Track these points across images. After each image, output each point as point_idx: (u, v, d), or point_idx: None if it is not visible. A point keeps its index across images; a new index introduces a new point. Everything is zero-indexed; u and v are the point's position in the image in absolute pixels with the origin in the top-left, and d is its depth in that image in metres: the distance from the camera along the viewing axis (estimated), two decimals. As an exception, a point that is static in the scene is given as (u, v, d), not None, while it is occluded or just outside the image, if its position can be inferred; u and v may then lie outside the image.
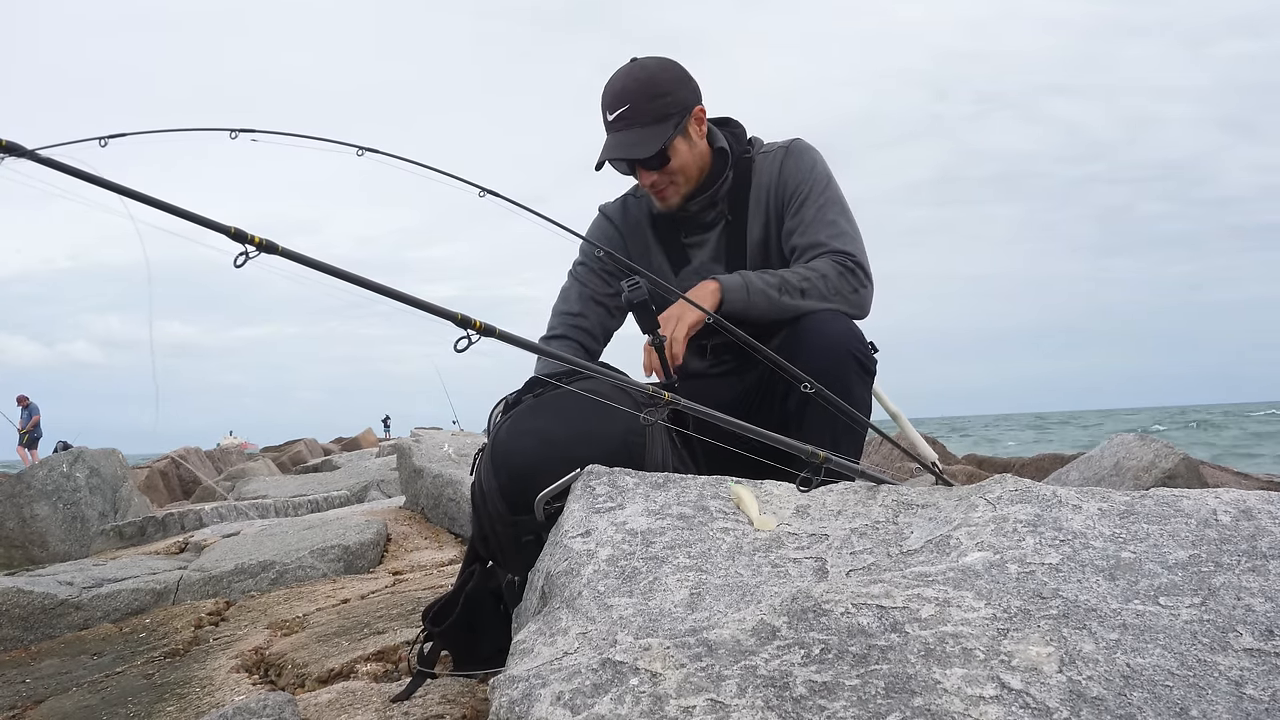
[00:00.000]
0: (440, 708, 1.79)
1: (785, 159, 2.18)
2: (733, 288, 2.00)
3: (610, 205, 2.36)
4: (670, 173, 2.10)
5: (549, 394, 1.82)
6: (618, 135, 2.06)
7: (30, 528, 6.80)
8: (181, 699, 2.36)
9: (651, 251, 2.28)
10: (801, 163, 2.17)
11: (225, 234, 1.09)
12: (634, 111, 2.04)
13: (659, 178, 2.10)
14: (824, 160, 2.20)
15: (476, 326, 1.20)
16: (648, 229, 2.28)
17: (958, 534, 1.26)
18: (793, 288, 2.01)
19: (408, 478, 5.31)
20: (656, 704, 0.89)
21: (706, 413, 1.40)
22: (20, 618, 3.52)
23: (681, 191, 2.13)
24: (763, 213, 2.18)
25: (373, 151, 2.19)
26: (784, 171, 2.17)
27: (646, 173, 2.09)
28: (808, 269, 2.04)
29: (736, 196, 2.19)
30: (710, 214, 2.20)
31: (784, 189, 2.16)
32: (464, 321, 1.19)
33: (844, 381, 1.92)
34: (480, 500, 1.79)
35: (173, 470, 14.84)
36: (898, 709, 0.86)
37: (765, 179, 2.18)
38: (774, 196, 2.17)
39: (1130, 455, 4.50)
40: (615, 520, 1.41)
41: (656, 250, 2.27)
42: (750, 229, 2.19)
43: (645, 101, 2.05)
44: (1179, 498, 1.28)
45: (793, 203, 2.14)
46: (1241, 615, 1.00)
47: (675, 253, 2.26)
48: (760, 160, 2.20)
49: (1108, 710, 0.85)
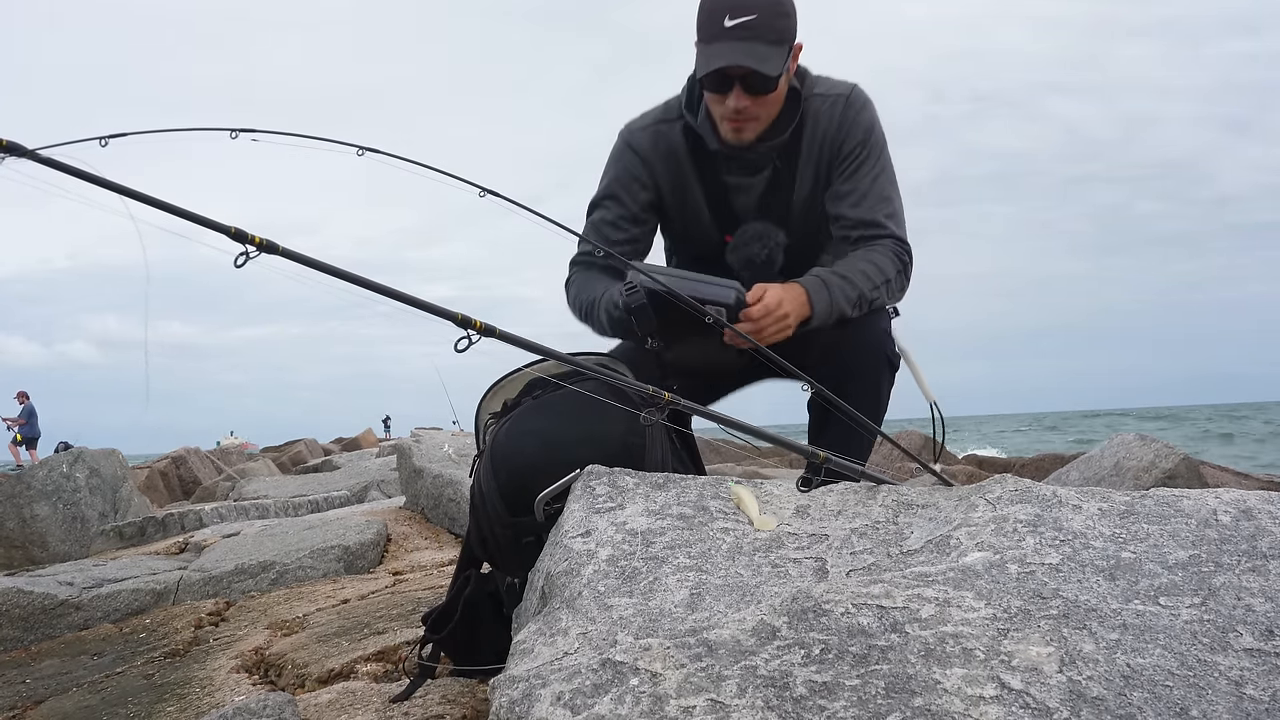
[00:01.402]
0: (440, 708, 1.79)
1: (845, 110, 2.00)
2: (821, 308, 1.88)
3: (639, 132, 2.10)
4: (766, 104, 1.91)
5: (548, 395, 1.82)
6: (738, 44, 1.83)
7: (30, 528, 6.79)
8: (181, 699, 2.35)
9: (689, 187, 2.08)
10: (862, 119, 2.01)
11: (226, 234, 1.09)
12: (760, 24, 1.83)
13: (752, 105, 1.89)
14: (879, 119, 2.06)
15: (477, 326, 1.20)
16: (686, 161, 2.07)
17: (958, 534, 1.26)
18: (865, 301, 1.94)
19: (408, 478, 5.31)
20: (656, 704, 0.89)
21: (706, 412, 1.40)
22: (20, 618, 3.52)
23: (760, 129, 1.95)
24: (813, 165, 2.03)
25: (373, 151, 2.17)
26: (842, 125, 2.00)
27: (742, 96, 1.87)
28: (877, 271, 1.95)
29: (790, 141, 2.01)
30: (761, 156, 2.02)
31: (840, 145, 2.00)
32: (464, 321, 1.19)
33: (875, 381, 1.96)
34: (479, 501, 1.79)
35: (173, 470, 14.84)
36: (898, 709, 0.86)
37: (822, 128, 2.01)
38: (827, 150, 2.01)
39: (1130, 455, 4.50)
40: (615, 520, 1.41)
41: (695, 186, 2.08)
42: (800, 181, 2.04)
43: (772, 17, 1.85)
44: (1179, 498, 1.28)
45: (847, 163, 2.00)
46: (1241, 615, 1.00)
47: (715, 193, 2.07)
48: (817, 105, 2.01)
49: (1108, 710, 0.85)
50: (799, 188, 2.04)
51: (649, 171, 2.09)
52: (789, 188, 2.05)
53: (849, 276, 1.94)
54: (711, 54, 1.84)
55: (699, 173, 2.06)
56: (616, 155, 2.13)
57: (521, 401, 1.87)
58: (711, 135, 1.99)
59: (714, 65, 1.83)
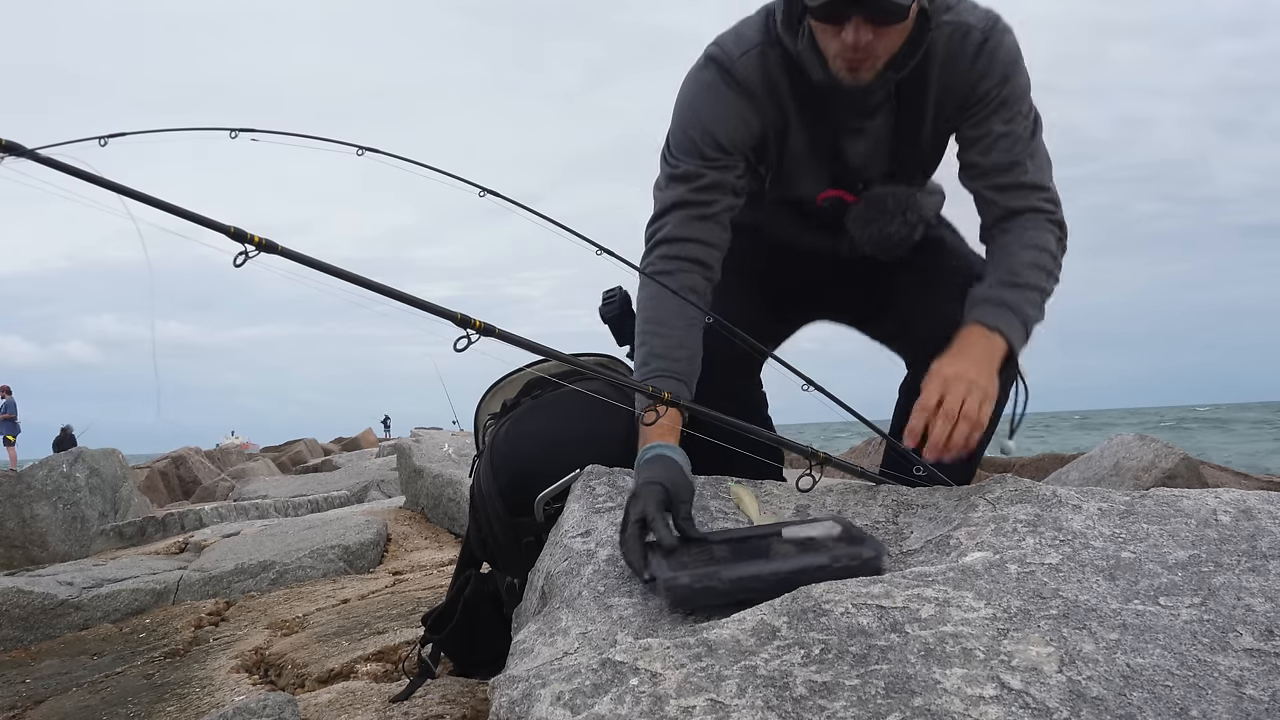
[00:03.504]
0: (440, 708, 1.79)
1: (982, 52, 1.59)
2: (1016, 340, 1.52)
3: (742, 61, 1.62)
4: (891, 36, 1.50)
5: (548, 395, 1.82)
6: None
7: (30, 528, 6.80)
8: (181, 699, 2.36)
9: (792, 132, 1.67)
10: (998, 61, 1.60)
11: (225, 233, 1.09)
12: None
13: (875, 40, 1.48)
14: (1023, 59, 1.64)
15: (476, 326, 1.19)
16: (788, 99, 1.64)
17: (958, 534, 1.26)
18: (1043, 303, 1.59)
19: (408, 478, 5.32)
20: (656, 704, 0.89)
21: (707, 413, 1.38)
22: (20, 618, 3.52)
23: (879, 66, 1.54)
24: (935, 109, 1.65)
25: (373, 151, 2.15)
26: (977, 68, 1.60)
27: (865, 27, 1.46)
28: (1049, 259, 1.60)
29: (912, 76, 1.61)
30: (878, 94, 1.63)
31: (973, 92, 1.62)
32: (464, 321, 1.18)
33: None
34: (479, 502, 1.79)
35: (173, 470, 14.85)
36: (898, 709, 0.86)
37: (954, 67, 1.61)
38: (957, 96, 1.63)
39: (1130, 455, 4.50)
40: (616, 520, 1.40)
41: (799, 130, 1.67)
42: (924, 129, 1.68)
43: None
44: (1179, 498, 1.28)
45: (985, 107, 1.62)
46: (1241, 615, 1.00)
47: (822, 138, 1.68)
48: (949, 36, 1.60)
49: (1108, 710, 0.85)
50: (924, 134, 1.68)
51: (757, 114, 1.64)
52: (915, 134, 1.68)
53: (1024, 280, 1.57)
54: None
55: (802, 112, 1.65)
56: (706, 95, 1.64)
57: (520, 402, 1.87)
58: (817, 66, 1.57)
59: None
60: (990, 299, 1.55)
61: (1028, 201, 1.63)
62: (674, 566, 1.14)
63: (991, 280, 1.58)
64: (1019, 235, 1.61)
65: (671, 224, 1.61)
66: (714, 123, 1.62)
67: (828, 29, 1.50)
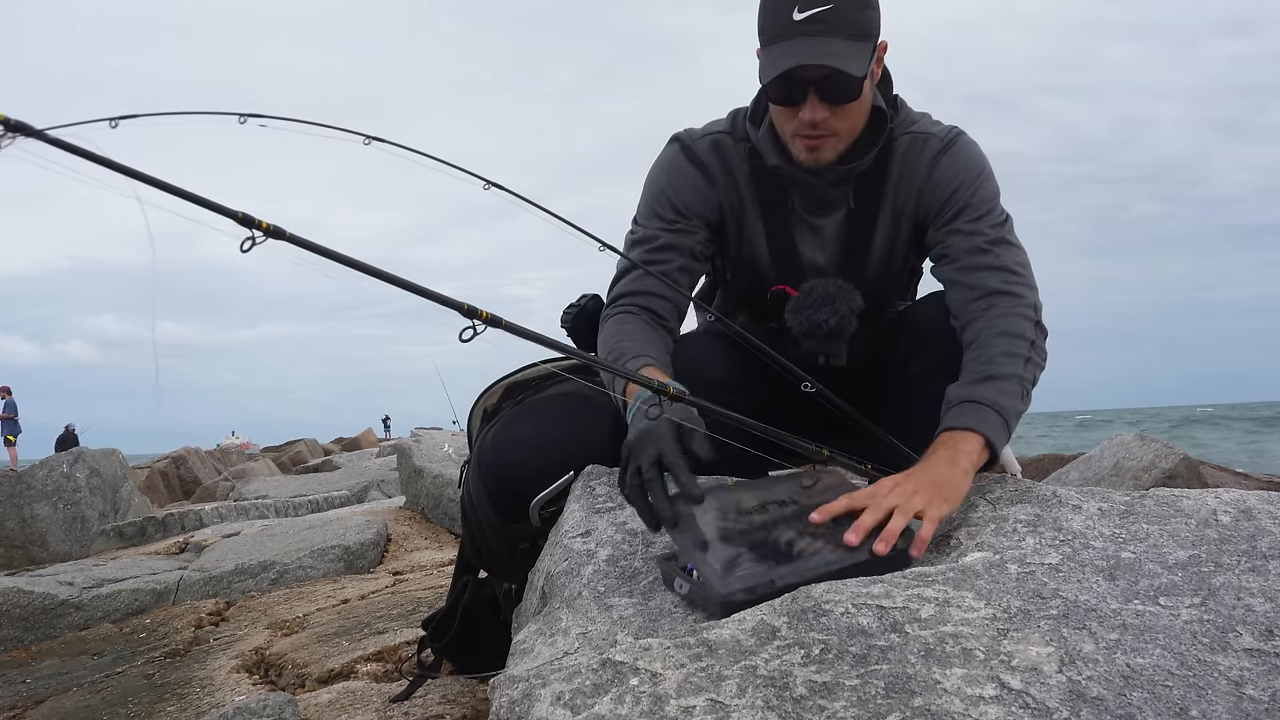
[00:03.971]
0: (440, 708, 1.79)
1: (943, 159, 1.62)
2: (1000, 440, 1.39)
3: (699, 140, 1.69)
4: (848, 114, 1.53)
5: (531, 399, 1.80)
6: (811, 41, 1.46)
7: (30, 528, 6.80)
8: (182, 699, 2.36)
9: (748, 219, 1.70)
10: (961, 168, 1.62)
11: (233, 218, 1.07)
12: (838, 16, 1.46)
13: (832, 117, 1.51)
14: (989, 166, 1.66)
15: (483, 316, 1.16)
16: (746, 184, 1.68)
17: (957, 534, 1.26)
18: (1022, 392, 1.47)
19: (408, 478, 5.32)
20: (656, 704, 0.89)
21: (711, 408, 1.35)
22: (21, 618, 3.52)
23: (840, 147, 1.57)
24: (891, 214, 1.67)
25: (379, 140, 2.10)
26: (937, 175, 1.62)
27: (820, 105, 1.49)
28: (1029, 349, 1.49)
29: (870, 178, 1.64)
30: (834, 191, 1.65)
31: (932, 198, 1.63)
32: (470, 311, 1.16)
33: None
34: (471, 511, 1.77)
35: (173, 470, 14.85)
36: (898, 709, 0.86)
37: (910, 173, 1.64)
38: (914, 202, 1.65)
39: (1130, 455, 4.50)
40: (615, 520, 1.41)
41: (755, 218, 1.69)
42: (878, 229, 1.68)
43: (851, 7, 1.48)
44: (1179, 498, 1.29)
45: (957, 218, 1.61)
46: (1241, 615, 1.00)
47: (778, 231, 1.69)
48: (909, 144, 1.64)
49: (1108, 710, 0.85)
50: (878, 237, 1.68)
51: (712, 188, 1.68)
52: (867, 235, 1.68)
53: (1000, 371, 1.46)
54: (779, 55, 1.47)
55: (761, 204, 1.68)
56: (667, 167, 1.70)
57: (502, 407, 1.84)
58: (773, 152, 1.61)
59: (783, 66, 1.46)
60: (965, 398, 1.43)
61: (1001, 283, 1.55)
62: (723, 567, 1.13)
63: (965, 377, 1.48)
64: (990, 323, 1.52)
65: (626, 281, 1.67)
66: (671, 190, 1.68)
67: (785, 112, 1.54)
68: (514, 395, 1.85)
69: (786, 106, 1.53)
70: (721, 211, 1.70)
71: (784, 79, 1.47)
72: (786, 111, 1.54)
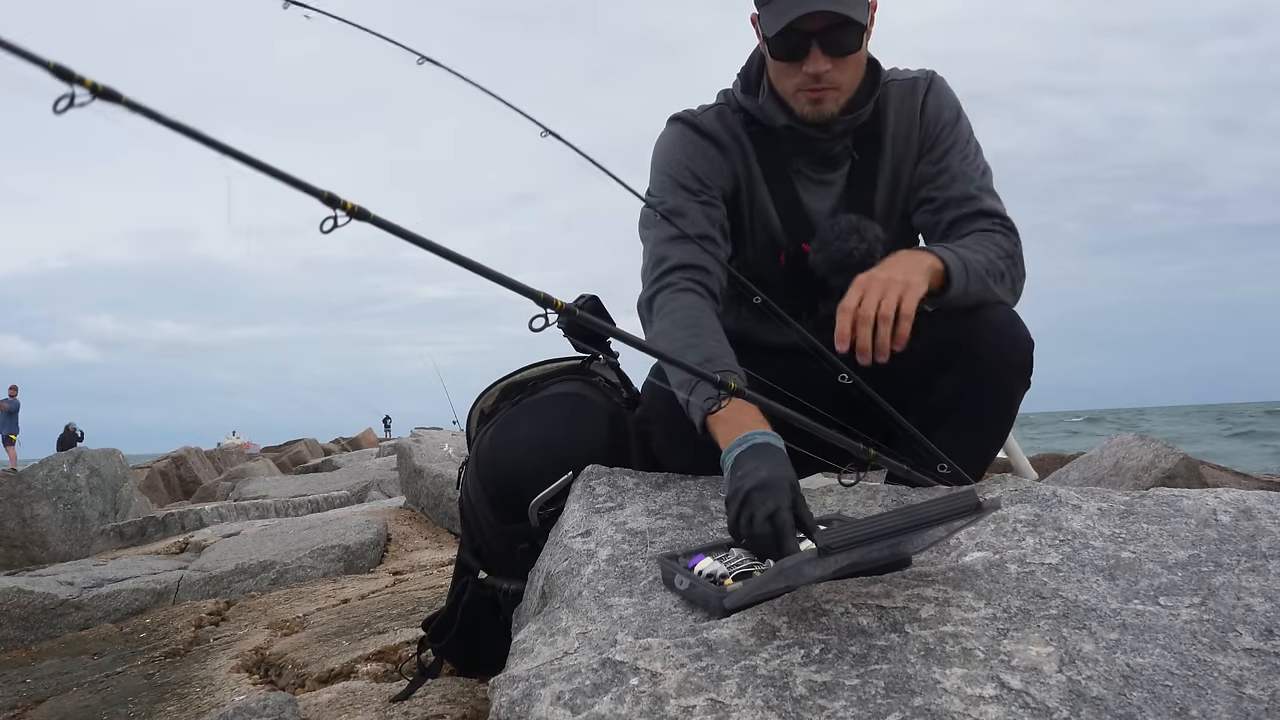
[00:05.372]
0: (440, 708, 1.79)
1: (928, 96, 1.70)
2: (956, 269, 1.48)
3: (700, 115, 1.73)
4: (850, 66, 1.58)
5: (528, 399, 1.80)
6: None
7: (30, 528, 6.80)
8: (182, 699, 2.36)
9: (755, 183, 1.71)
10: (946, 104, 1.71)
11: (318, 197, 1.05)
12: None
13: (833, 70, 1.55)
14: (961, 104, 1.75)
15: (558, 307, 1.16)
16: (750, 150, 1.71)
17: (957, 534, 1.26)
18: (996, 273, 1.56)
19: (408, 478, 5.31)
20: (656, 704, 0.89)
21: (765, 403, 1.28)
22: (21, 618, 3.52)
23: (842, 100, 1.61)
24: (893, 160, 1.71)
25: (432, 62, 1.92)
26: (927, 111, 1.70)
27: (823, 58, 1.53)
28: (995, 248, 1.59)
29: (868, 131, 1.69)
30: (836, 145, 1.68)
31: (925, 133, 1.70)
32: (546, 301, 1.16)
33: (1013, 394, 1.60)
34: (469, 512, 1.77)
35: (173, 470, 14.84)
36: (898, 709, 0.86)
37: (904, 115, 1.70)
38: (910, 141, 1.70)
39: (1130, 455, 4.49)
40: (615, 520, 1.41)
41: (761, 183, 1.71)
42: (880, 179, 1.71)
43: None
44: (1179, 498, 1.29)
45: (934, 149, 1.70)
46: (1241, 615, 1.00)
47: (785, 193, 1.71)
48: (898, 90, 1.71)
49: (1108, 710, 0.85)
50: (880, 186, 1.72)
51: (725, 157, 1.70)
52: (871, 187, 1.72)
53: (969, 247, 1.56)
54: (782, 6, 1.50)
55: (765, 169, 1.70)
56: (678, 140, 1.71)
57: (499, 409, 1.85)
58: (779, 111, 1.64)
59: (789, 16, 1.48)
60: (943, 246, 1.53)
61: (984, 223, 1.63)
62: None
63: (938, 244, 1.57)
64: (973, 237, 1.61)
65: (679, 251, 1.62)
66: (689, 160, 1.69)
67: (788, 67, 1.57)
68: (511, 396, 1.86)
69: (789, 62, 1.56)
70: (736, 180, 1.70)
71: (787, 33, 1.51)
72: (789, 68, 1.57)
